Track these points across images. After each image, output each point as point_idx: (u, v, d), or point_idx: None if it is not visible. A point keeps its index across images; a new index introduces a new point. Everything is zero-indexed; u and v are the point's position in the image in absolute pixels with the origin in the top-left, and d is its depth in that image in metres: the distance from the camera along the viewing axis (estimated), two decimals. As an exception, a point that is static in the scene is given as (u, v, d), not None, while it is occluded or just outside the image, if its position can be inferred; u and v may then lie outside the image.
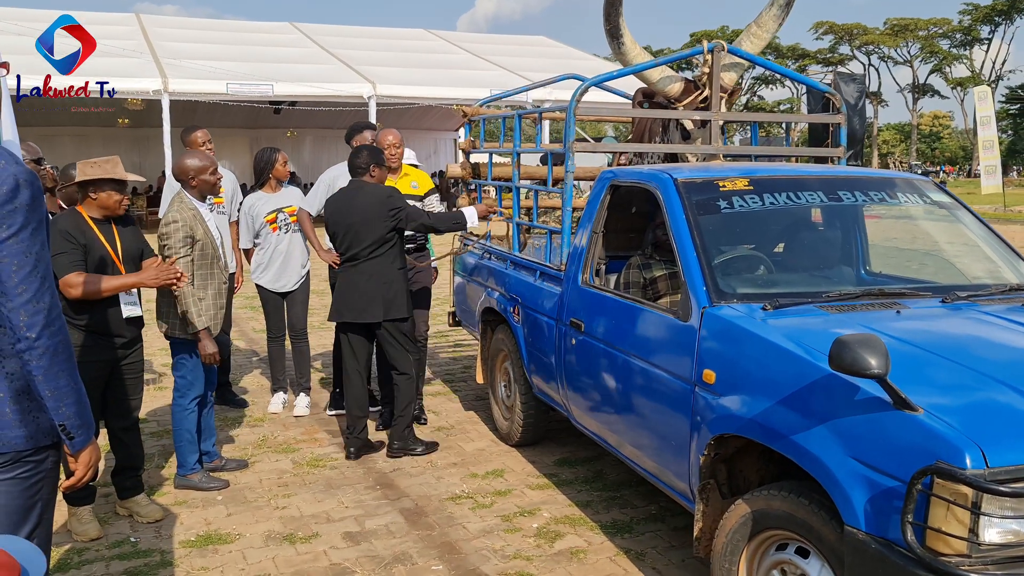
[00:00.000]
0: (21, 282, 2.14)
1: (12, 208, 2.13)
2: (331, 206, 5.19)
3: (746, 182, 3.67)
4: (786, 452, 2.59)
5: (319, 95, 21.10)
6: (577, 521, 4.20)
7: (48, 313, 2.18)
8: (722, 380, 2.94)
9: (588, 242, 4.27)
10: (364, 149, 5.19)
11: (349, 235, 5.07)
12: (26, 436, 2.23)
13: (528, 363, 4.90)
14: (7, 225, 2.13)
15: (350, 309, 5.13)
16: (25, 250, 2.15)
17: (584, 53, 29.94)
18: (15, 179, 2.14)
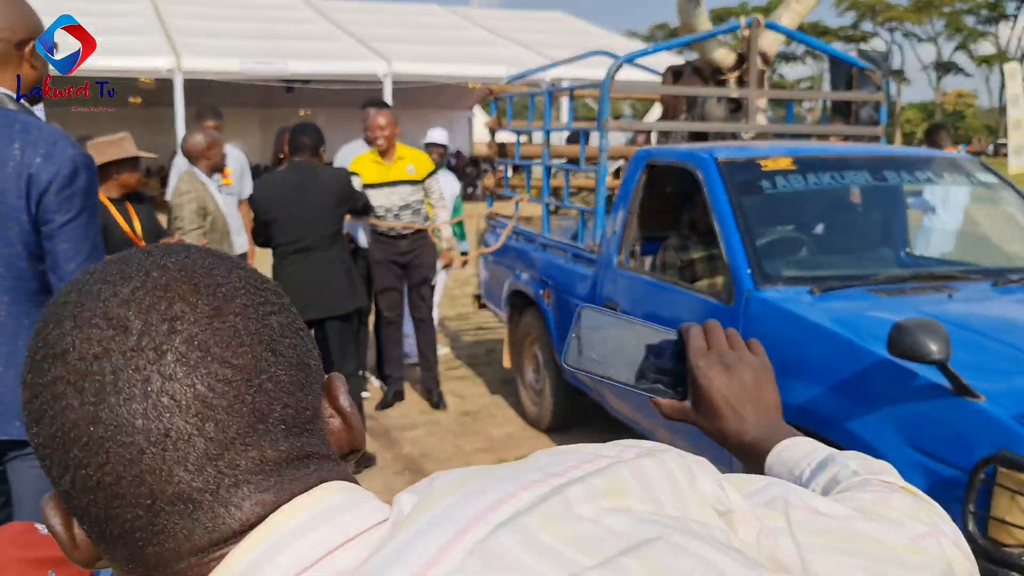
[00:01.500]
0: (77, 268, 2.11)
1: (71, 192, 2.10)
2: (272, 190, 4.66)
3: (789, 161, 3.58)
4: (838, 439, 2.52)
5: (333, 73, 20.97)
6: (611, 506, 4.15)
7: None
8: (770, 365, 2.87)
9: (623, 223, 4.19)
10: (313, 127, 4.81)
11: (297, 222, 4.61)
12: None
13: (559, 347, 4.84)
14: (65, 209, 2.10)
15: (317, 304, 4.66)
16: (82, 235, 2.12)
17: (602, 29, 29.67)
18: (74, 162, 2.11)
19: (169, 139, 24.39)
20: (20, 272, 2.12)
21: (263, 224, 4.68)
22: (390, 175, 5.61)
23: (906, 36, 67.14)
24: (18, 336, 2.15)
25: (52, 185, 2.07)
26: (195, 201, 4.43)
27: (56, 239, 2.10)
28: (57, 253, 2.11)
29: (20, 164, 2.06)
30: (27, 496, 2.23)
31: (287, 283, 4.51)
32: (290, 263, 4.64)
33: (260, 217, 4.67)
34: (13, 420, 2.14)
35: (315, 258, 4.65)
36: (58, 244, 2.10)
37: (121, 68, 19.00)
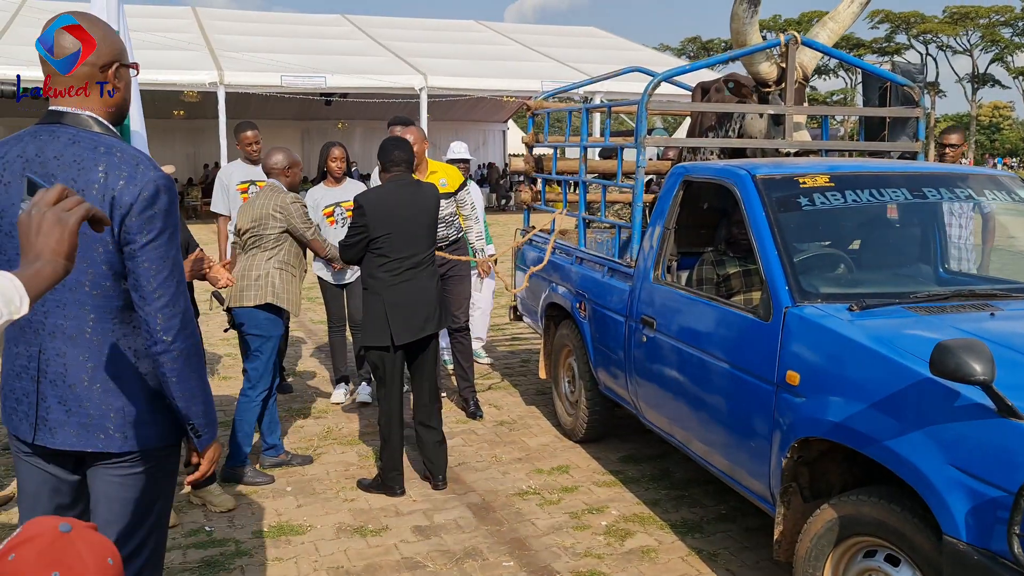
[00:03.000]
0: (159, 287, 2.19)
1: (152, 214, 2.17)
2: (384, 205, 4.41)
3: (827, 178, 3.59)
4: (879, 458, 2.54)
5: (371, 87, 21.21)
6: (646, 520, 4.18)
7: (183, 316, 2.23)
8: (807, 382, 2.89)
9: (660, 238, 4.23)
10: (404, 141, 4.67)
11: (411, 236, 4.46)
12: (159, 434, 2.30)
13: (595, 359, 4.87)
14: (147, 230, 2.17)
15: (408, 326, 4.45)
16: (163, 255, 2.19)
17: (634, 44, 29.72)
18: (155, 185, 2.18)
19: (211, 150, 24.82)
20: (105, 290, 2.20)
21: (364, 239, 4.40)
22: None
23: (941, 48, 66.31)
24: (102, 352, 2.24)
25: (134, 207, 2.14)
26: (304, 205, 4.79)
27: (138, 259, 2.17)
28: (139, 273, 2.18)
29: (104, 187, 2.14)
30: (106, 500, 2.32)
31: (403, 299, 4.41)
32: (406, 278, 4.44)
33: (367, 233, 4.38)
34: (99, 432, 2.23)
35: (427, 272, 4.54)
36: (140, 264, 2.17)
37: (166, 82, 19.41)
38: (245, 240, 4.78)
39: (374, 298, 4.44)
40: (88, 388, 2.22)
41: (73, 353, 2.23)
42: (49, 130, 2.24)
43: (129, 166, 2.17)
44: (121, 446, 2.24)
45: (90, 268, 2.19)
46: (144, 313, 2.20)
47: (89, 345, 2.22)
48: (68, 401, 2.23)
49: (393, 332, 4.41)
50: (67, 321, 2.23)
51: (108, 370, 2.23)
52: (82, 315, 2.21)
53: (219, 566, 3.77)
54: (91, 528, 1.22)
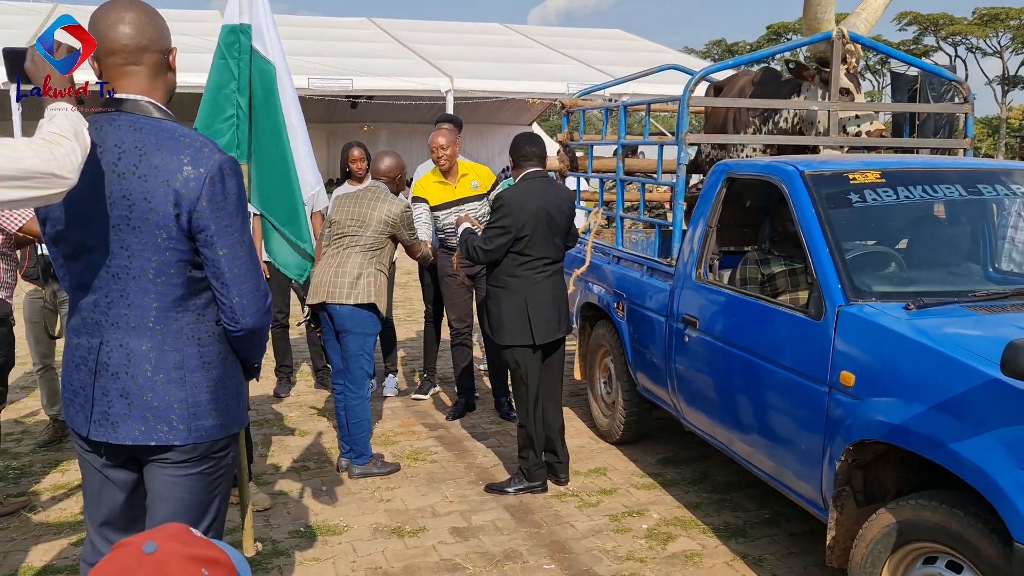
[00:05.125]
0: (241, 272, 2.18)
1: (221, 198, 2.14)
2: (528, 204, 4.30)
3: (878, 175, 3.51)
4: (942, 462, 2.45)
5: (398, 89, 21.25)
6: (688, 523, 4.10)
7: (265, 298, 2.24)
8: (863, 383, 2.81)
9: (703, 236, 4.16)
10: (536, 136, 4.62)
11: (545, 236, 4.35)
12: (220, 425, 2.27)
13: (633, 360, 4.80)
14: (219, 216, 2.14)
15: (548, 325, 4.40)
16: (239, 239, 2.17)
17: (660, 46, 29.57)
18: (220, 168, 2.14)
19: (236, 153, 24.92)
20: (169, 278, 2.16)
21: (509, 239, 4.28)
22: (456, 194, 5.66)
23: (970, 50, 65.45)
24: (165, 341, 2.19)
25: (203, 193, 2.10)
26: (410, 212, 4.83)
27: (215, 246, 2.14)
28: (219, 260, 2.15)
29: (168, 172, 2.10)
30: (161, 500, 2.28)
31: (543, 298, 4.36)
32: (548, 274, 4.40)
33: (512, 232, 4.27)
34: (162, 424, 2.18)
35: (552, 275, 4.46)
36: (218, 251, 2.14)
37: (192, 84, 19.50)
38: (336, 233, 4.75)
39: (514, 297, 4.37)
40: (151, 379, 2.18)
41: (136, 343, 2.19)
42: (109, 118, 2.19)
43: (192, 149, 2.13)
44: (186, 437, 2.20)
45: (154, 255, 2.15)
46: (227, 299, 2.19)
47: (152, 335, 2.18)
48: (131, 393, 2.19)
49: (535, 331, 4.37)
50: (130, 311, 2.19)
51: (171, 360, 2.20)
52: (145, 304, 2.17)
53: (257, 565, 3.74)
54: (177, 537, 1.17)
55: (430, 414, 5.98)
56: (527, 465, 4.49)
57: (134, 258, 2.15)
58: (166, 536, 1.14)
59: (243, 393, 2.36)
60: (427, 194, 5.66)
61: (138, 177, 2.11)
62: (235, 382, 2.30)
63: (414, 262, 5.55)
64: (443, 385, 6.59)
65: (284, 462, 4.97)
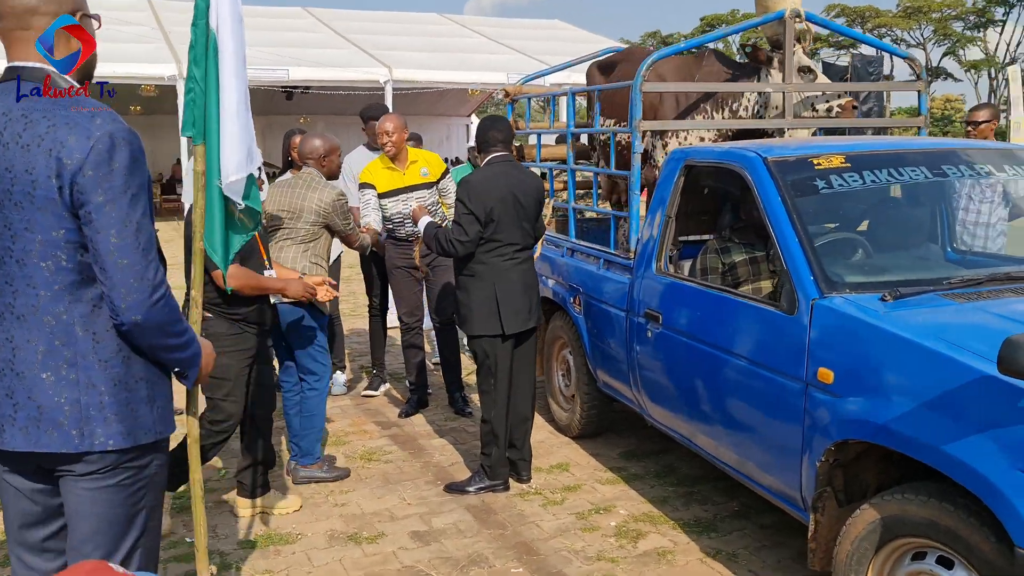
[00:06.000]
0: (120, 255, 1.93)
1: (108, 171, 1.92)
2: (496, 188, 4.15)
3: (842, 159, 3.44)
4: (935, 464, 2.36)
5: (335, 80, 20.83)
6: (657, 519, 4.01)
7: (152, 290, 1.98)
8: (844, 380, 2.72)
9: (662, 227, 4.06)
10: (502, 119, 4.48)
11: (514, 221, 4.21)
12: (124, 432, 2.03)
13: (592, 356, 4.69)
14: (102, 189, 1.92)
15: (518, 315, 4.26)
16: (123, 218, 1.94)
17: (599, 36, 29.55)
18: (111, 138, 1.93)
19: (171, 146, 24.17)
20: (58, 263, 1.96)
21: (479, 228, 4.13)
22: (405, 180, 5.48)
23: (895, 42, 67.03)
24: (55, 334, 1.98)
25: (87, 162, 1.90)
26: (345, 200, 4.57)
27: (94, 224, 1.93)
28: (97, 241, 1.93)
29: (52, 140, 1.91)
30: (78, 516, 2.07)
31: (513, 286, 4.22)
32: (518, 261, 4.25)
33: (481, 217, 4.11)
34: (50, 429, 1.98)
35: (531, 260, 4.37)
36: (97, 230, 1.93)
37: (124, 74, 18.75)
38: (270, 227, 4.48)
39: (482, 284, 4.22)
40: (38, 377, 1.97)
41: (21, 336, 1.98)
42: (5, 87, 2.00)
43: (83, 117, 1.94)
44: (77, 445, 1.97)
45: (39, 235, 1.93)
46: (106, 287, 1.95)
47: (40, 326, 1.98)
48: (15, 392, 1.98)
49: (504, 320, 4.21)
50: (15, 299, 1.98)
51: (62, 355, 1.98)
52: (31, 291, 1.97)
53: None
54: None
55: (381, 412, 5.80)
56: (489, 462, 4.35)
57: (17, 238, 1.95)
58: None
59: (160, 396, 2.13)
60: (375, 180, 5.47)
61: (21, 147, 1.92)
62: (145, 384, 2.07)
63: (356, 253, 5.36)
64: (393, 381, 6.41)
65: (230, 466, 4.75)
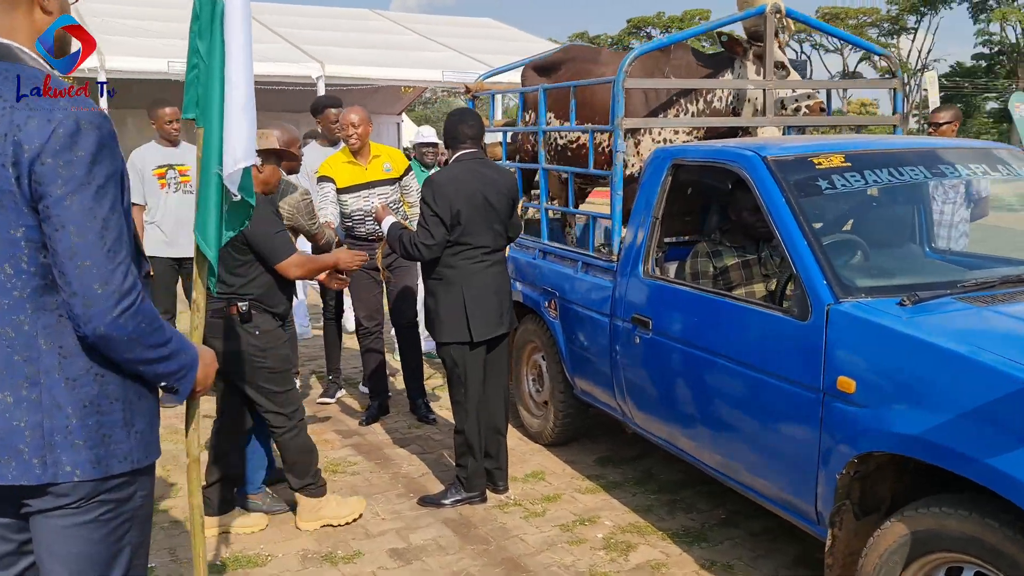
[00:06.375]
0: (81, 256, 1.69)
1: (70, 158, 1.68)
2: (464, 187, 3.94)
3: (842, 158, 3.35)
4: (975, 477, 2.25)
5: (267, 74, 20.25)
6: (644, 529, 3.89)
7: (121, 297, 1.72)
8: (868, 389, 2.61)
9: (648, 228, 3.93)
10: (469, 113, 4.23)
11: (485, 222, 4.01)
12: (94, 460, 1.77)
13: (570, 363, 4.54)
14: (64, 180, 1.67)
15: (488, 321, 4.05)
16: (87, 214, 1.69)
17: (531, 36, 29.52)
18: (76, 120, 1.69)
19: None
20: (17, 265, 1.72)
21: (445, 230, 3.91)
22: (367, 176, 5.26)
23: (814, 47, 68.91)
24: (14, 349, 1.74)
25: (46, 148, 1.66)
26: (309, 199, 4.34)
27: (53, 220, 1.68)
28: (55, 239, 1.69)
29: (9, 124, 1.67)
30: (49, 556, 1.82)
31: (483, 291, 4.01)
32: (487, 267, 4.04)
33: (447, 220, 3.89)
34: (7, 457, 1.73)
35: (503, 264, 4.18)
36: (55, 226, 1.68)
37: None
38: None
39: (451, 289, 4.00)
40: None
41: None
42: None
43: (47, 100, 1.69)
44: (39, 476, 1.73)
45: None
46: (64, 294, 1.70)
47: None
48: None
49: (472, 327, 4.00)
50: None
51: (22, 372, 1.73)
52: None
53: (176, 610, 3.28)
54: None
55: (340, 420, 5.56)
56: (465, 474, 4.16)
57: None
58: None
59: (140, 419, 1.87)
60: (335, 174, 5.22)
61: None
62: (121, 405, 1.82)
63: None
64: (348, 387, 6.17)
65: (182, 481, 4.45)
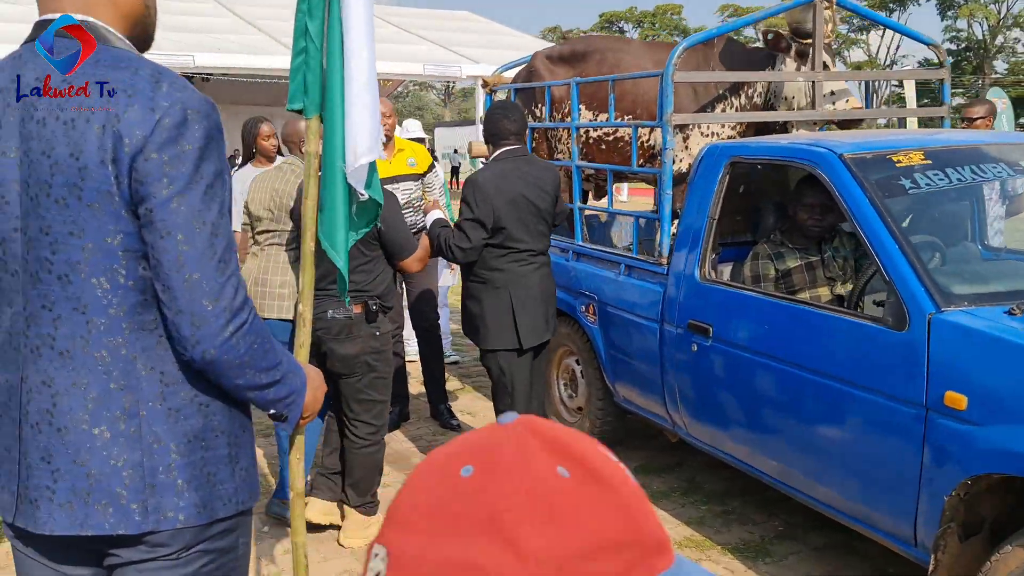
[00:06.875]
0: (194, 270, 1.45)
1: (176, 153, 1.43)
2: (499, 184, 3.72)
3: (921, 155, 3.20)
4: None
5: (246, 67, 19.90)
6: (702, 544, 3.72)
7: (232, 316, 1.49)
8: (982, 406, 2.45)
9: (704, 230, 3.76)
10: (513, 107, 4.03)
11: (529, 223, 3.80)
12: (200, 505, 1.54)
13: (612, 370, 4.35)
14: (169, 179, 1.42)
15: (536, 327, 3.85)
16: (195, 217, 1.45)
17: (511, 29, 29.34)
18: (183, 108, 1.44)
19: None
20: (114, 278, 1.47)
21: (485, 232, 3.70)
22: (391, 170, 5.04)
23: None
24: (110, 376, 1.49)
25: (150, 141, 1.41)
26: None
27: (157, 226, 1.43)
28: (160, 248, 1.44)
29: (106, 116, 1.41)
30: None
31: (531, 295, 3.81)
32: (535, 268, 3.84)
33: (487, 223, 3.68)
34: (104, 503, 1.49)
35: (548, 266, 3.98)
36: (161, 234, 1.43)
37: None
38: (259, 233, 3.92)
39: (496, 293, 3.79)
40: (87, 433, 1.48)
41: (64, 378, 1.48)
42: (34, 47, 1.50)
43: (145, 82, 1.44)
44: (139, 524, 1.49)
45: (89, 242, 1.44)
46: (169, 312, 1.46)
47: (90, 365, 1.48)
48: (55, 456, 1.48)
49: (521, 332, 3.79)
50: (57, 330, 1.48)
51: (120, 403, 1.49)
52: (78, 318, 1.47)
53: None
54: None
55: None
56: None
57: (59, 247, 1.45)
58: None
59: (244, 454, 1.64)
60: None
61: (63, 123, 1.42)
62: (226, 438, 1.59)
63: None
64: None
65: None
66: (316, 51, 2.23)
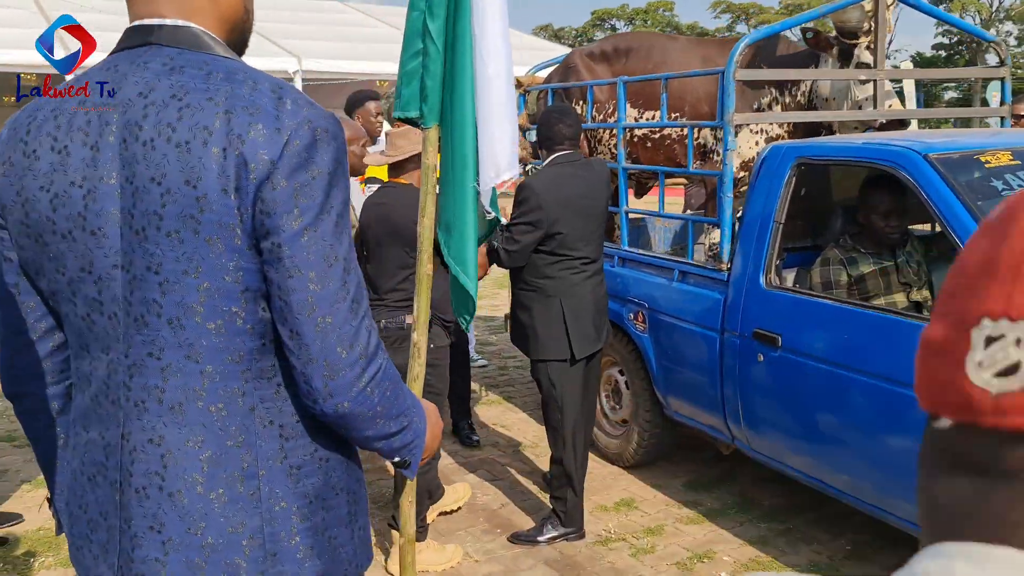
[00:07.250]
0: (325, 310, 1.25)
1: (307, 178, 1.23)
2: (554, 190, 3.59)
3: (1009, 155, 3.04)
4: None
5: (243, 69, 19.73)
6: (769, 565, 3.54)
7: (367, 364, 1.29)
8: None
9: (769, 234, 3.58)
10: (568, 111, 3.88)
11: (583, 230, 3.65)
12: (320, 571, 1.35)
13: (663, 381, 4.16)
14: (300, 209, 1.22)
15: (588, 336, 3.72)
16: (327, 254, 1.25)
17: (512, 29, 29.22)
18: (312, 129, 1.24)
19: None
20: (231, 321, 1.26)
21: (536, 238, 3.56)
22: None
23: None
24: (226, 432, 1.29)
25: (279, 167, 1.20)
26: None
27: (285, 264, 1.23)
28: (289, 289, 1.23)
29: (226, 136, 1.20)
30: None
31: (583, 303, 3.67)
32: (588, 276, 3.71)
33: (541, 228, 3.55)
34: (221, 575, 1.30)
35: (601, 273, 3.84)
36: (290, 272, 1.23)
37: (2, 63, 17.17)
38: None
39: (548, 301, 3.64)
40: (203, 498, 1.28)
41: (175, 436, 1.28)
42: (133, 57, 1.28)
43: (267, 99, 1.23)
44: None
45: (205, 282, 1.23)
46: (297, 361, 1.27)
47: (204, 420, 1.28)
48: (167, 524, 1.28)
49: (573, 343, 3.64)
50: (165, 381, 1.28)
51: (237, 463, 1.29)
52: (191, 368, 1.27)
53: None
54: None
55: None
56: (564, 507, 3.78)
57: (169, 287, 1.24)
58: None
59: (362, 513, 1.46)
60: (382, 174, 4.83)
61: (175, 145, 1.21)
62: (346, 497, 1.41)
63: None
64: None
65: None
66: (438, 53, 2.01)
